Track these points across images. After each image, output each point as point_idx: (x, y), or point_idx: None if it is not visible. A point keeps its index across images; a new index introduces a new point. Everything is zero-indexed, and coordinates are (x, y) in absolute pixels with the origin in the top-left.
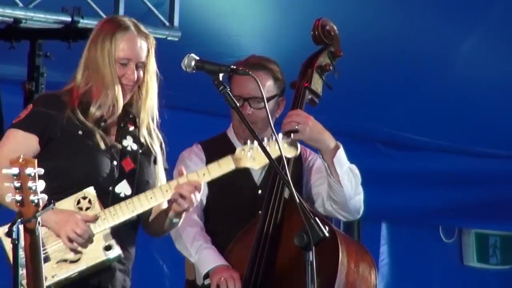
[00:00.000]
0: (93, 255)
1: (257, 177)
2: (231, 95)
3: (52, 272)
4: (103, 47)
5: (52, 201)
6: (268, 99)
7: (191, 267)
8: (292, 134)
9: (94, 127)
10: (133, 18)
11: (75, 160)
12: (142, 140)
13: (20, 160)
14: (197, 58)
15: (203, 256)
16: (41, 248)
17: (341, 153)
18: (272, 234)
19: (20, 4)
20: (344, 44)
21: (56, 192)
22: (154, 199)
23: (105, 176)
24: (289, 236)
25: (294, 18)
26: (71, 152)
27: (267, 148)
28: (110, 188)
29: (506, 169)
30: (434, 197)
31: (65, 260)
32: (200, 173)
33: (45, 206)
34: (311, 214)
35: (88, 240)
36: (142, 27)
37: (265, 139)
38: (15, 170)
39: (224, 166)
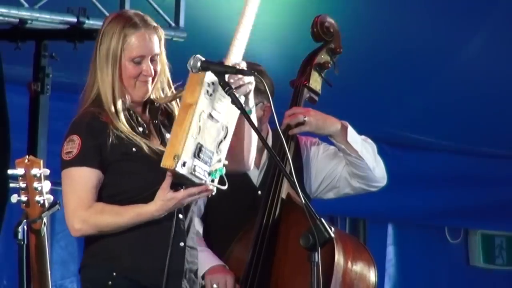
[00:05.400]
0: (234, 118)
1: (256, 179)
2: (238, 98)
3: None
4: (109, 46)
5: (58, 202)
6: None
7: None
8: (297, 128)
9: (137, 136)
10: (137, 12)
11: (136, 177)
12: None
13: (26, 160)
14: (203, 59)
15: (199, 260)
16: (47, 249)
17: (352, 130)
18: (270, 234)
19: (26, 5)
20: (350, 45)
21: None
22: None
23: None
24: (286, 236)
25: (300, 19)
26: (130, 171)
27: None
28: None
29: None
30: (440, 198)
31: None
32: None
33: (51, 207)
34: (316, 215)
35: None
36: (149, 20)
37: None
38: (21, 171)
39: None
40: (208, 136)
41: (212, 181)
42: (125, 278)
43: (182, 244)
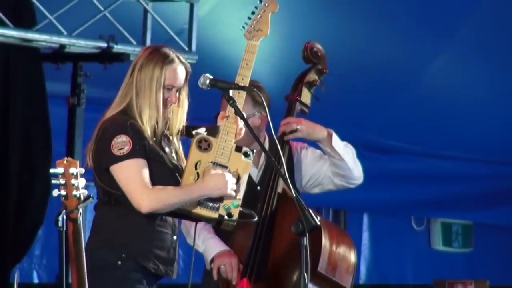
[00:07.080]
0: (242, 166)
1: (255, 176)
2: (239, 108)
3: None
4: (153, 74)
5: (91, 195)
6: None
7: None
8: (291, 134)
9: (159, 146)
10: (171, 48)
11: (160, 176)
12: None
13: (65, 161)
14: (211, 77)
15: (208, 245)
16: (82, 235)
17: (336, 137)
18: (268, 223)
19: (65, 33)
20: (333, 62)
21: None
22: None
23: None
24: (282, 225)
25: (297, 44)
26: (157, 170)
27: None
28: None
29: (467, 169)
30: (407, 192)
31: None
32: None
33: (85, 200)
34: (305, 206)
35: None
36: (181, 58)
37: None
38: (61, 170)
39: None
40: None
41: (229, 215)
42: (133, 261)
43: (175, 237)
